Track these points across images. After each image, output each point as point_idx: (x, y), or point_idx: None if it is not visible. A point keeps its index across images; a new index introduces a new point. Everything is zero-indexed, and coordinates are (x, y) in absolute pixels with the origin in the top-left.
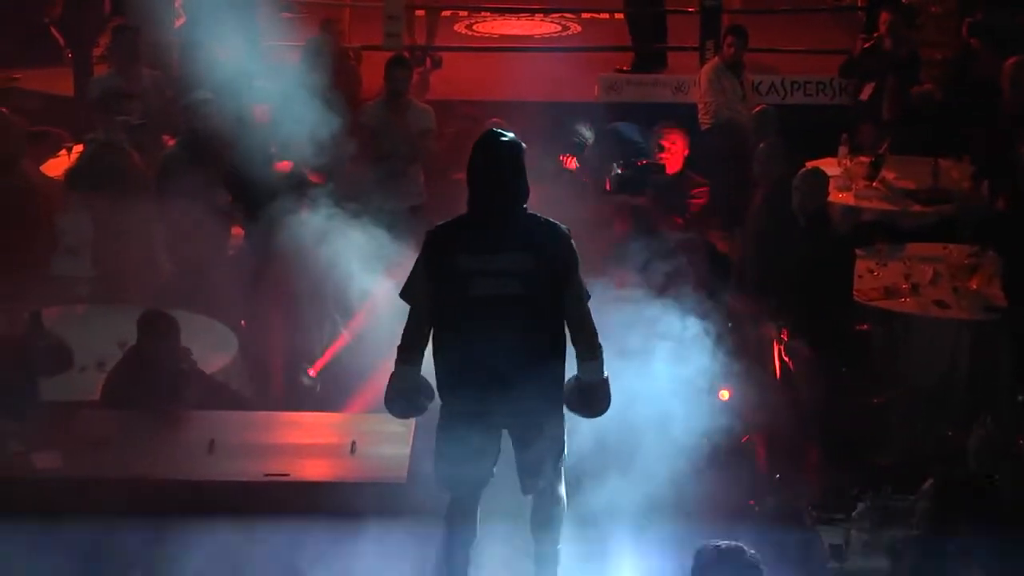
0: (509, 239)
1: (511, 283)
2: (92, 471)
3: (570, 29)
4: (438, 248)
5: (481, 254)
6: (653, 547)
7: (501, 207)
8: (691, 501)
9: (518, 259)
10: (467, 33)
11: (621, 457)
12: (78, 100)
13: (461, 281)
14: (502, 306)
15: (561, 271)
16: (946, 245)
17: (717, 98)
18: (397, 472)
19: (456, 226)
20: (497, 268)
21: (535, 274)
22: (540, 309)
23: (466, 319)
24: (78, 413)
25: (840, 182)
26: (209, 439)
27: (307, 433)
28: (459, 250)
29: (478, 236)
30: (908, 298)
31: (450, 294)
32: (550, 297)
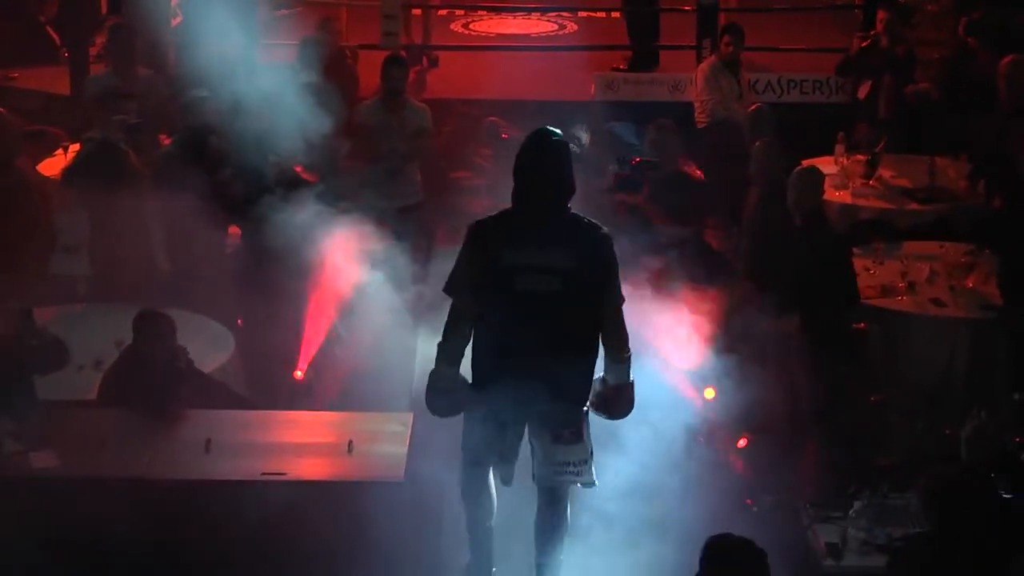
0: (553, 237)
1: (553, 280)
2: (89, 470)
3: (567, 28)
4: (483, 243)
5: (525, 250)
6: (652, 544)
7: (547, 204)
8: (688, 500)
9: (561, 257)
10: (464, 32)
11: (615, 455)
12: (74, 99)
13: (505, 276)
14: (542, 302)
15: (601, 272)
16: (943, 243)
17: (713, 96)
18: (394, 471)
19: (500, 221)
20: (540, 265)
21: (576, 273)
22: (578, 307)
23: (507, 313)
24: (75, 412)
25: (837, 180)
26: (206, 438)
27: (304, 432)
28: (504, 245)
29: (523, 232)
30: (905, 296)
31: (494, 288)
32: (588, 297)
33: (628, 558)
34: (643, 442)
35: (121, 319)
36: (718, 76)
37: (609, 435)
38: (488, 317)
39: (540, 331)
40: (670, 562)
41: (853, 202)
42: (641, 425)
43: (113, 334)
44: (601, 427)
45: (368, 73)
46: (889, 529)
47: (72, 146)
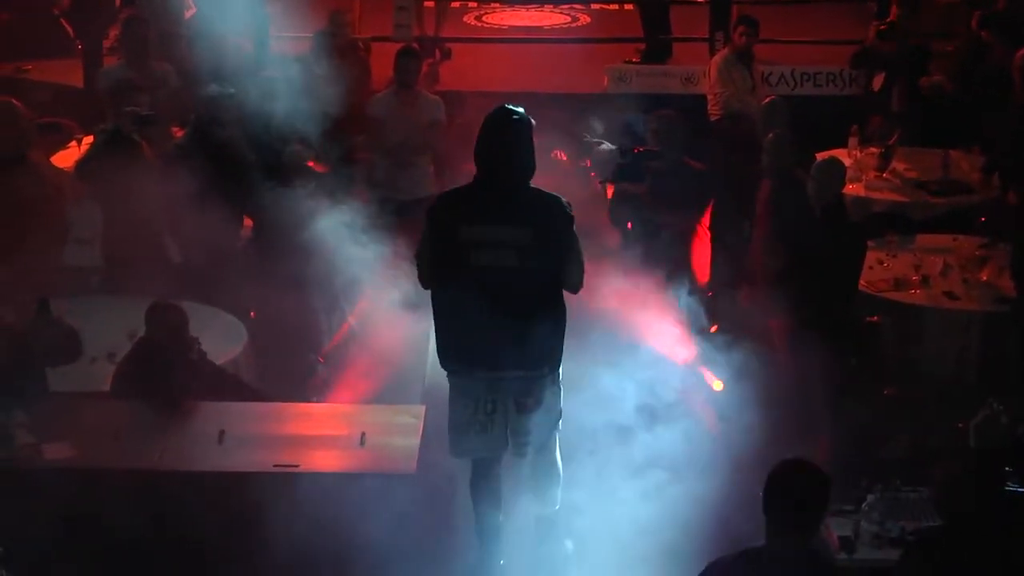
0: (509, 212)
1: (508, 255)
2: (102, 462)
3: (579, 20)
4: (440, 218)
5: (480, 225)
6: (662, 535)
7: (505, 180)
8: (699, 491)
9: (516, 232)
10: (476, 24)
11: (627, 447)
12: (88, 91)
13: (460, 251)
14: (499, 277)
15: (559, 246)
16: (956, 236)
17: (727, 89)
18: (407, 463)
19: (458, 196)
20: (495, 240)
21: (532, 247)
22: (536, 281)
23: (464, 288)
24: (88, 404)
25: (850, 173)
26: (219, 430)
27: (317, 424)
28: (459, 221)
29: (478, 208)
30: (918, 289)
31: (450, 263)
32: (546, 270)
33: (637, 548)
34: (651, 432)
35: (133, 311)
36: (731, 69)
37: (617, 425)
38: (448, 294)
39: (496, 304)
40: (682, 553)
41: (867, 195)
42: (648, 416)
43: (125, 326)
44: (609, 417)
45: (381, 65)
46: (902, 523)
47: (85, 138)
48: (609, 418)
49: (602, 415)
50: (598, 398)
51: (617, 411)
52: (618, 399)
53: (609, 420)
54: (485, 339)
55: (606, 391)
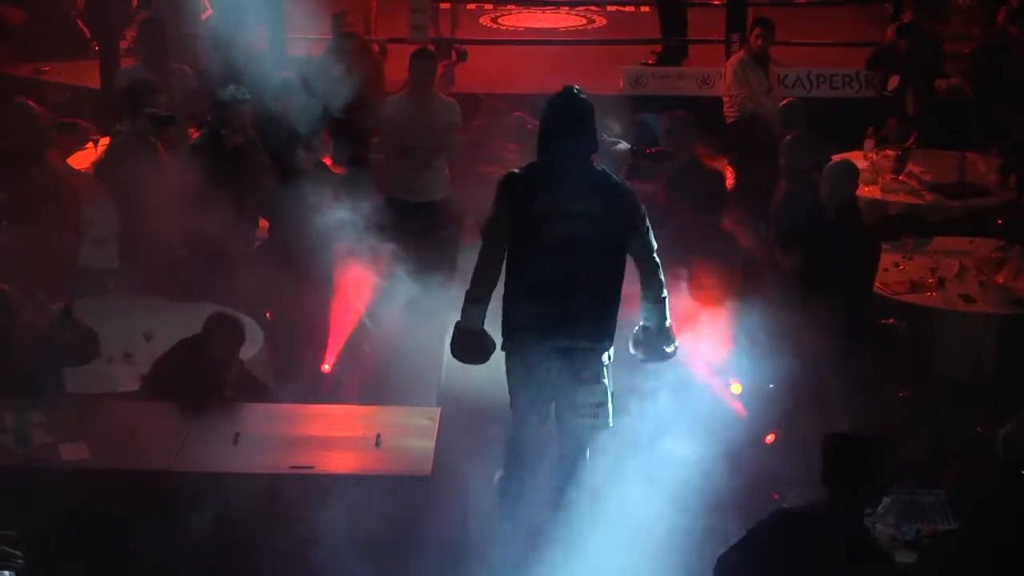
0: (579, 185)
1: (580, 225)
2: (117, 462)
3: (595, 22)
4: (515, 191)
5: (553, 196)
6: (678, 541)
7: (572, 156)
8: (714, 494)
9: (587, 203)
10: (492, 26)
11: (641, 447)
12: (105, 92)
13: (537, 221)
14: (571, 245)
15: (626, 219)
16: (972, 239)
17: (742, 91)
18: (422, 465)
19: (529, 171)
20: (567, 210)
21: (601, 218)
22: (602, 252)
23: (537, 256)
24: (105, 404)
25: (866, 175)
26: (235, 431)
27: (332, 425)
28: (533, 193)
29: (552, 181)
30: (934, 292)
31: (527, 233)
32: (612, 242)
33: (651, 548)
34: (669, 435)
35: (149, 312)
36: (747, 71)
37: (632, 426)
38: (518, 261)
39: (566, 273)
40: (696, 553)
41: (883, 197)
42: (665, 417)
43: (142, 326)
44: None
45: (396, 67)
46: (917, 525)
47: (102, 139)
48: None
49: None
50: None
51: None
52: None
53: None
54: (558, 308)
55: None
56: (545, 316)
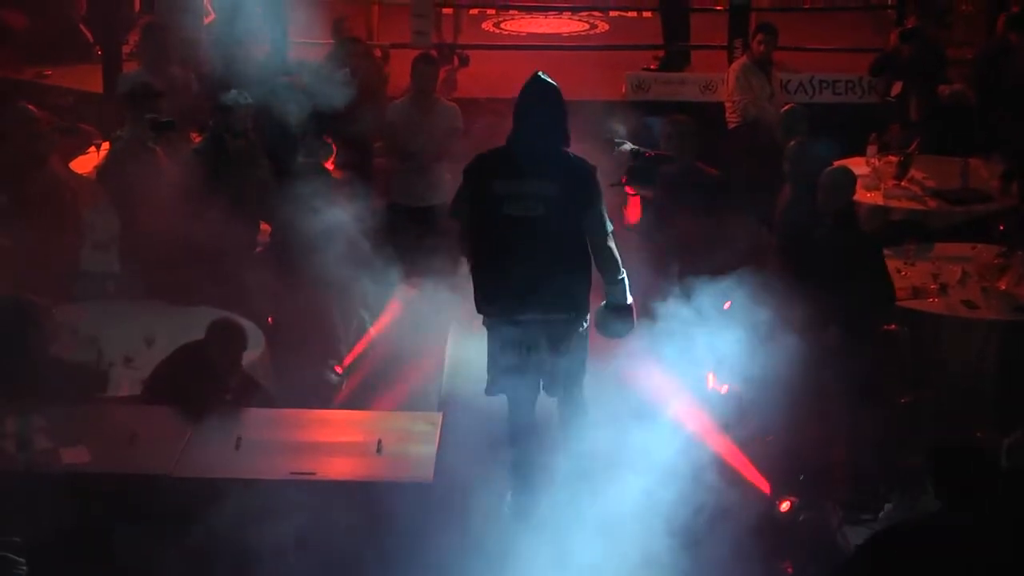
0: (537, 168)
1: (536, 206)
2: (118, 467)
3: (598, 27)
4: (475, 175)
5: (511, 179)
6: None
7: (535, 139)
8: (713, 500)
9: (543, 185)
10: (495, 31)
11: (640, 452)
12: (107, 97)
13: (495, 202)
14: (528, 225)
15: (582, 199)
16: (975, 245)
17: (745, 96)
18: (424, 471)
19: (492, 156)
20: (524, 192)
21: (558, 199)
22: (562, 230)
23: (499, 236)
24: (105, 409)
25: (868, 181)
26: (236, 436)
27: (334, 431)
28: (493, 176)
29: (510, 164)
30: (936, 298)
31: (486, 214)
32: (571, 221)
33: (654, 550)
34: (667, 438)
35: (150, 316)
36: (750, 76)
37: (630, 428)
38: (481, 240)
39: (527, 251)
40: (697, 557)
41: (885, 203)
42: (665, 420)
43: (142, 331)
44: (623, 421)
45: (399, 72)
46: None
47: (104, 144)
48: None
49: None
50: (609, 402)
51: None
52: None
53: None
54: (519, 285)
55: (616, 393)
56: (507, 293)
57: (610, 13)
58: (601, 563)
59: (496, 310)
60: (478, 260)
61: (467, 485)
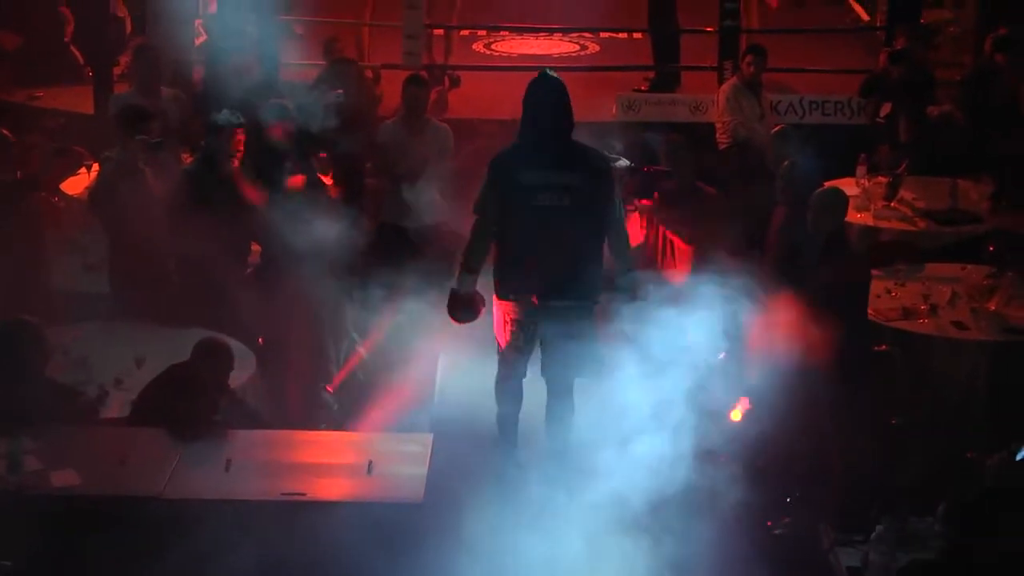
0: (561, 160)
1: (563, 196)
2: (108, 489)
3: (588, 49)
4: (504, 169)
5: (540, 171)
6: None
7: (554, 132)
8: (707, 521)
9: (569, 176)
10: (486, 52)
11: (634, 471)
12: (98, 118)
13: (525, 194)
14: (555, 215)
15: (603, 189)
16: (964, 265)
17: (735, 118)
18: (414, 492)
19: (515, 150)
20: (553, 183)
21: (583, 190)
22: (584, 219)
23: (527, 226)
24: (94, 431)
25: (858, 202)
26: (226, 457)
27: (324, 452)
28: (522, 169)
29: (537, 157)
30: (926, 319)
31: (517, 205)
32: (592, 210)
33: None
34: (662, 458)
35: (141, 337)
36: (740, 97)
37: (624, 449)
38: (508, 230)
39: (553, 239)
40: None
41: (875, 224)
42: (660, 440)
43: (133, 352)
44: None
45: (390, 93)
46: (911, 553)
47: (95, 165)
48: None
49: (607, 436)
50: (605, 413)
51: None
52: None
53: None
54: (545, 272)
55: (613, 409)
56: (533, 278)
57: (601, 34)
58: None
59: (519, 294)
60: (505, 248)
61: (457, 506)
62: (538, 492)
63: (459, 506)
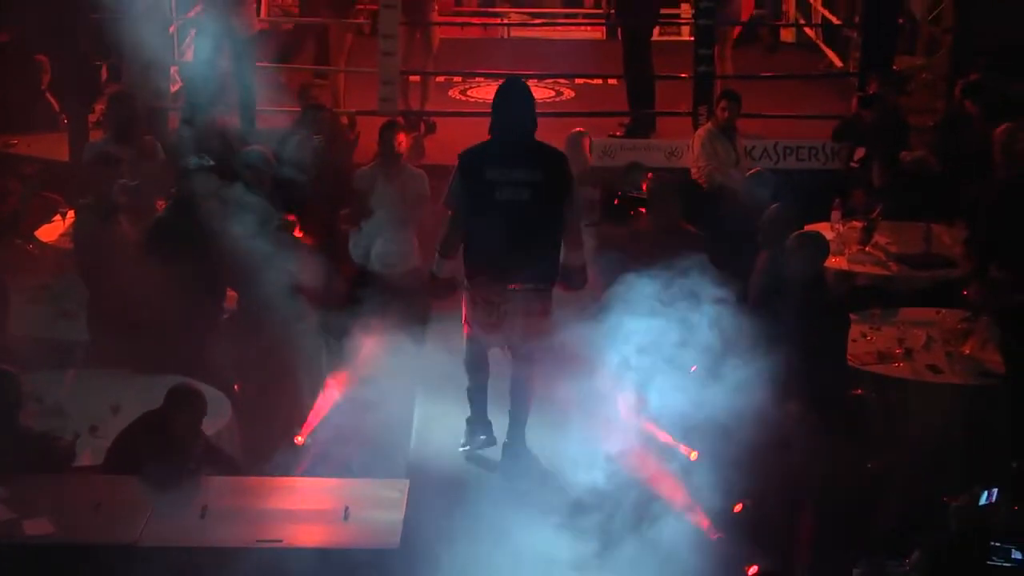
0: (524, 158)
1: (524, 191)
2: (84, 537)
3: (564, 95)
4: (470, 164)
5: (503, 168)
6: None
7: (519, 132)
8: (682, 566)
9: (530, 173)
10: (462, 98)
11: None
12: (73, 165)
13: (488, 188)
14: (516, 208)
15: (561, 186)
16: (939, 310)
17: (710, 163)
18: (390, 538)
19: (483, 148)
20: (515, 179)
21: (541, 186)
22: (542, 212)
23: (490, 217)
24: (69, 478)
25: (833, 247)
26: (202, 504)
27: (300, 498)
28: (487, 165)
29: (500, 154)
30: (902, 363)
31: (480, 199)
32: (550, 204)
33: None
34: (635, 506)
35: (117, 385)
36: (715, 142)
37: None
38: (475, 221)
39: (514, 230)
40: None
41: (850, 268)
42: (632, 488)
43: (109, 399)
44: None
45: (366, 139)
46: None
47: (70, 212)
48: (581, 488)
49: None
50: (568, 464)
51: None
52: (591, 467)
53: (581, 490)
54: (506, 259)
55: (576, 458)
56: (496, 265)
57: (576, 81)
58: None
59: (485, 280)
60: (471, 238)
61: (433, 552)
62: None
63: (435, 552)
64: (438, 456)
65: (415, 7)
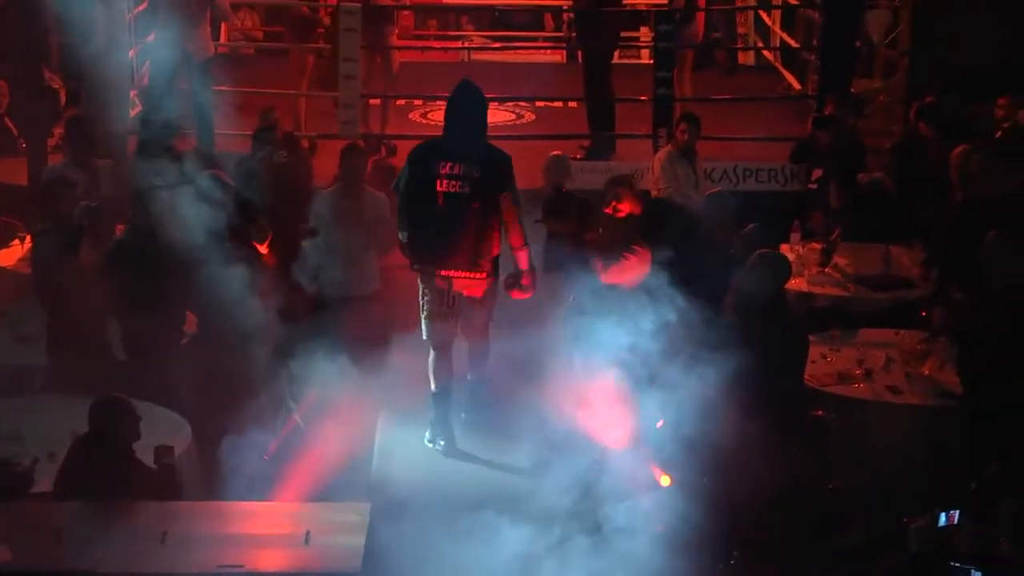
0: (466, 155)
1: (464, 185)
2: (42, 564)
3: (524, 117)
4: (418, 158)
5: (446, 163)
6: None
7: (465, 132)
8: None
9: (471, 169)
10: (422, 121)
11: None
12: (32, 189)
13: (430, 181)
14: (456, 201)
15: (500, 183)
16: (898, 331)
17: (670, 185)
18: (352, 562)
19: (430, 144)
20: (456, 174)
21: (481, 180)
22: (481, 206)
23: (433, 208)
24: (26, 505)
25: (793, 268)
26: (161, 530)
27: (261, 523)
28: (431, 160)
29: (445, 151)
30: (861, 384)
31: (423, 189)
32: (489, 199)
33: None
34: (595, 529)
35: (76, 409)
36: (674, 165)
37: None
38: (421, 213)
39: (453, 222)
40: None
41: (809, 289)
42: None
43: (68, 425)
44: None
45: (326, 162)
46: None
47: (28, 237)
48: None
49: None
50: (539, 487)
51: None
52: (559, 492)
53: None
54: (445, 247)
55: (546, 482)
56: (435, 252)
57: (537, 103)
58: None
59: (428, 266)
60: (415, 227)
61: (395, 574)
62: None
63: (396, 574)
64: (400, 478)
65: (375, 31)
